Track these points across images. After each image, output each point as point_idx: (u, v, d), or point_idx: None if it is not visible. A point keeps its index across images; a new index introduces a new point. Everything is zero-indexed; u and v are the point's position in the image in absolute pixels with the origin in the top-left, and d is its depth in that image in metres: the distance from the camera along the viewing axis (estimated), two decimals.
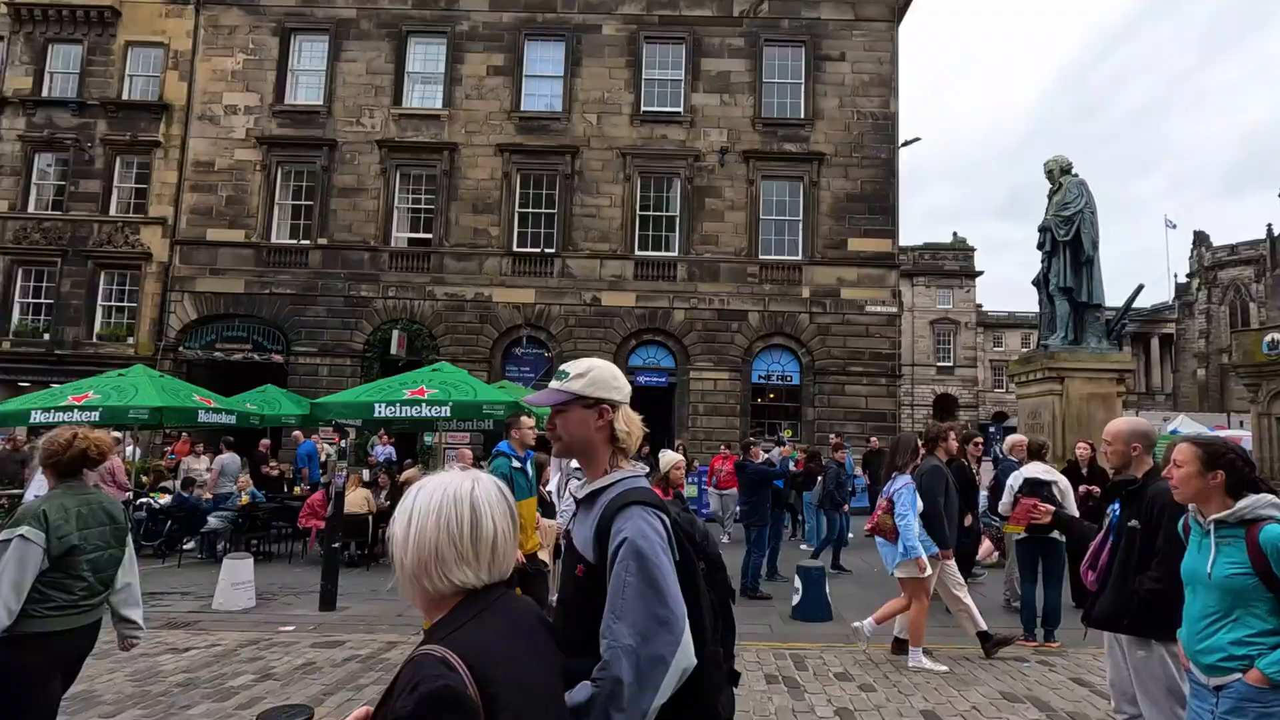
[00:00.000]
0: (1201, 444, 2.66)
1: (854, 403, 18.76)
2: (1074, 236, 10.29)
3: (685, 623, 1.50)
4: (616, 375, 1.81)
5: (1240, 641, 2.43)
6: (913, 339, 46.21)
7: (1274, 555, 2.38)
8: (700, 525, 1.77)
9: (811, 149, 19.24)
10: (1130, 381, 53.10)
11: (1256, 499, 2.49)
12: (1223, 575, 2.48)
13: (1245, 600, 2.45)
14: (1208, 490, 2.57)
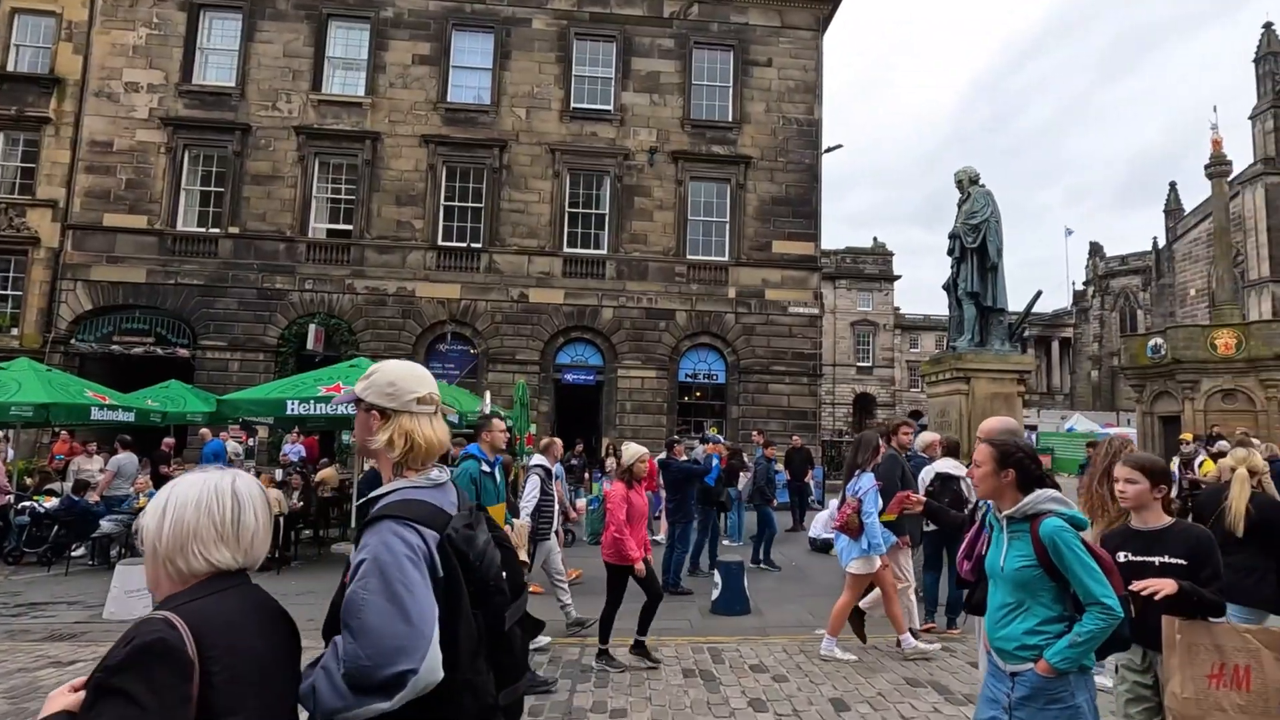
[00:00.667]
0: (996, 444, 2.76)
1: (777, 401, 19.23)
2: (981, 244, 10.82)
3: (426, 640, 1.43)
4: (398, 381, 1.70)
5: (1031, 631, 2.55)
6: (834, 340, 47.69)
7: (1051, 547, 2.50)
8: (482, 547, 1.62)
9: (739, 152, 19.60)
10: (1032, 382, 56.16)
11: (1038, 494, 2.63)
12: (1013, 568, 2.60)
13: (1033, 591, 2.57)
14: (1001, 487, 2.69)
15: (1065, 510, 2.61)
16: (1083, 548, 2.52)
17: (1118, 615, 2.46)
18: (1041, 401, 53.57)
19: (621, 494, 5.65)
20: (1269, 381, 19.95)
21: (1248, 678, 2.76)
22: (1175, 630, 2.90)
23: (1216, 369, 20.70)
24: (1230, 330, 20.90)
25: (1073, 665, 2.48)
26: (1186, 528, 3.10)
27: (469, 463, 5.27)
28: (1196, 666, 2.83)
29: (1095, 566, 2.50)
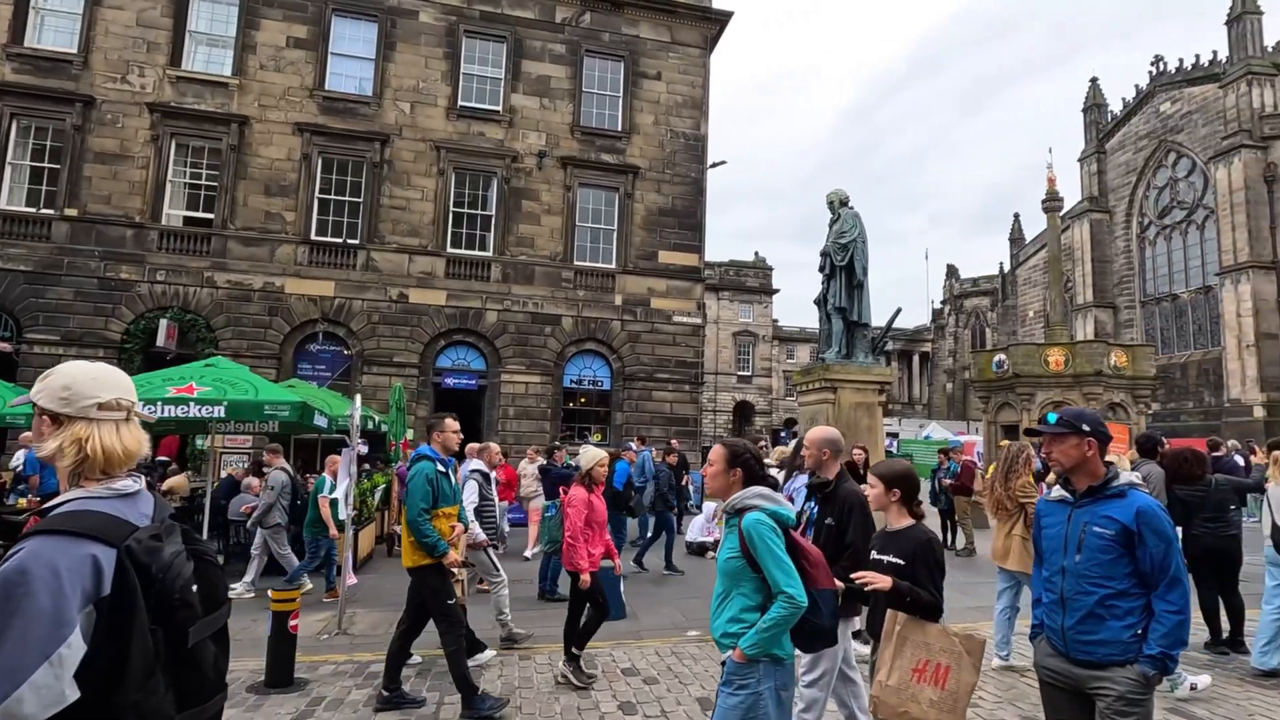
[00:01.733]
0: (727, 445, 2.96)
1: (660, 408, 19.57)
2: (849, 263, 11.52)
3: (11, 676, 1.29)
4: (75, 385, 1.59)
5: (733, 619, 2.69)
6: (716, 349, 49.19)
7: (748, 538, 2.65)
8: (168, 559, 1.50)
9: (627, 161, 19.85)
10: (894, 392, 60.03)
11: (747, 490, 2.81)
12: (723, 559, 2.77)
13: (738, 581, 2.71)
14: (729, 486, 2.87)
15: (769, 506, 2.75)
16: (777, 541, 2.65)
17: (800, 605, 2.58)
18: (903, 411, 57.60)
19: (583, 499, 5.55)
20: (1090, 394, 22.42)
21: (945, 677, 2.95)
22: (894, 624, 3.13)
23: (1049, 383, 23.04)
24: (1060, 349, 23.34)
25: (761, 652, 2.59)
26: (913, 530, 3.30)
27: (424, 464, 5.09)
28: (904, 659, 3.03)
29: (785, 558, 2.63)
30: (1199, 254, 36.93)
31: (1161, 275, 39.29)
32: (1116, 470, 2.77)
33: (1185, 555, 5.46)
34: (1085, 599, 2.68)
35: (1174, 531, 2.64)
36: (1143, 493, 2.72)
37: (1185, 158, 37.58)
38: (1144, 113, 40.10)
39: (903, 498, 3.36)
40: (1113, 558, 2.64)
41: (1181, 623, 2.57)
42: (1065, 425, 2.77)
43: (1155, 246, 39.75)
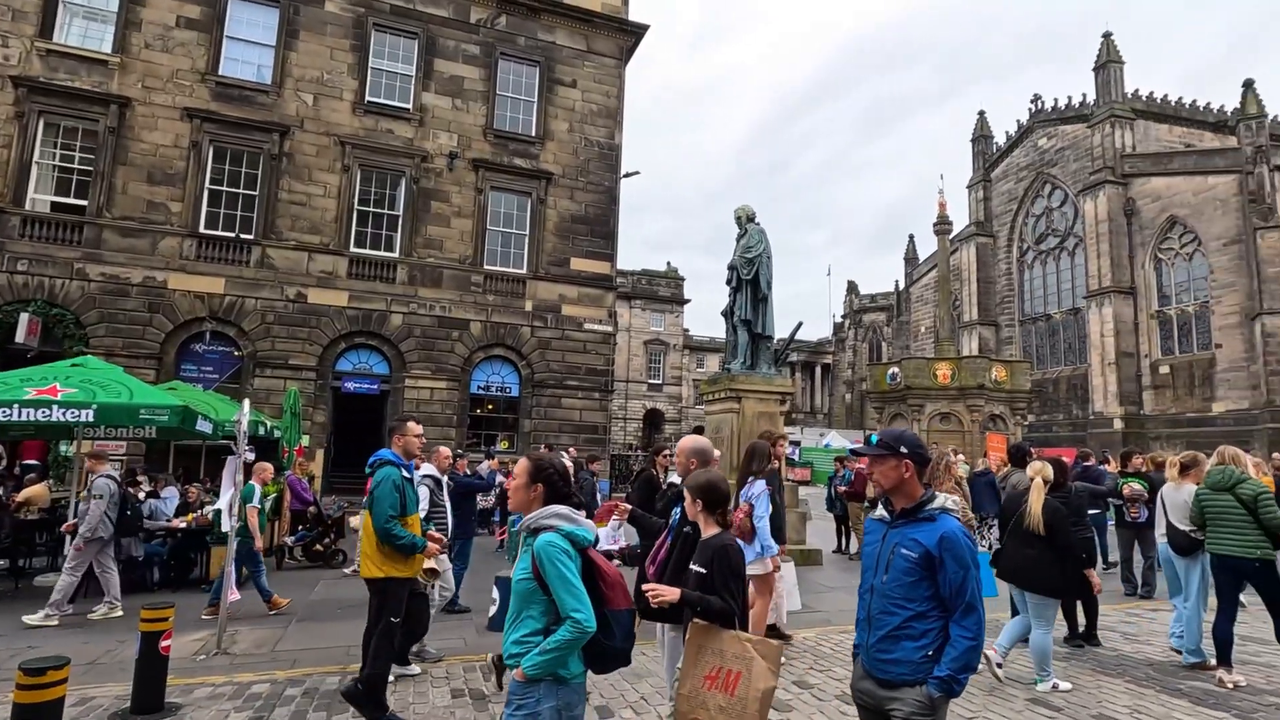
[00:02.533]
0: (532, 459, 2.91)
1: (569, 415, 19.50)
2: (754, 277, 11.88)
3: None
4: None
5: (519, 640, 2.64)
6: (628, 357, 49.49)
7: (539, 559, 2.60)
8: None
9: (541, 167, 19.75)
10: (798, 402, 62.19)
11: (545, 509, 2.75)
12: (515, 580, 2.71)
13: (528, 603, 2.66)
14: (529, 501, 2.82)
15: (566, 526, 2.70)
16: (568, 564, 2.60)
17: (586, 629, 2.54)
18: (805, 420, 59.71)
19: None
20: (973, 406, 23.97)
21: (735, 683, 2.97)
22: (693, 633, 3.14)
23: (937, 395, 24.47)
24: (947, 363, 24.84)
25: (543, 673, 2.55)
26: (715, 538, 3.33)
27: (389, 469, 4.84)
28: (699, 667, 3.06)
29: (574, 581, 2.58)
30: (1070, 278, 40.25)
31: (1038, 296, 42.57)
32: (933, 494, 2.79)
33: None
34: (888, 619, 2.70)
35: (975, 559, 2.65)
36: (953, 518, 2.73)
37: (1059, 189, 40.93)
38: (1024, 146, 43.43)
39: (705, 506, 3.39)
40: (914, 580, 2.66)
41: (973, 648, 2.57)
42: (884, 447, 2.80)
43: (1033, 270, 43.04)
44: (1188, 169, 34.65)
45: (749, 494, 6.03)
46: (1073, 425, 37.45)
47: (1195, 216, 33.71)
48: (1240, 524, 5.70)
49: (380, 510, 4.69)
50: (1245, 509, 5.69)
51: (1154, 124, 38.44)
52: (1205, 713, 5.08)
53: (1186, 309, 34.05)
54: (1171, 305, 34.72)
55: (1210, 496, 5.93)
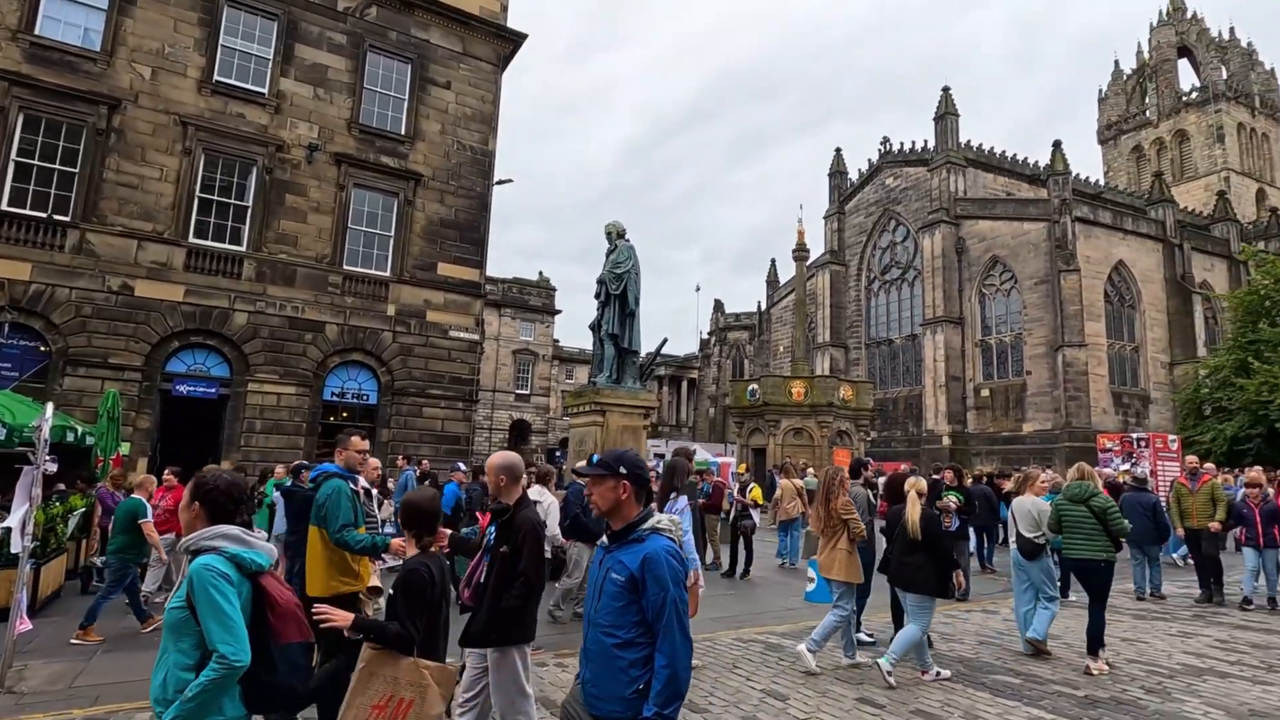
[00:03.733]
0: (195, 479, 2.65)
1: (431, 425, 18.84)
2: (622, 292, 12.12)
3: None
4: None
5: (165, 683, 2.34)
6: (496, 366, 48.60)
7: (192, 585, 2.33)
8: None
9: (409, 167, 19.06)
10: (665, 415, 63.42)
11: (206, 530, 2.50)
12: (168, 609, 2.40)
13: (179, 635, 2.36)
14: (193, 519, 2.57)
15: (232, 548, 2.44)
16: (227, 590, 2.33)
17: (235, 665, 2.26)
18: (670, 433, 61.13)
19: None
20: (823, 423, 25.58)
21: (407, 711, 2.88)
22: (367, 659, 3.01)
23: (792, 411, 25.90)
24: (801, 382, 26.39)
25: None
26: (406, 561, 3.26)
27: (338, 482, 4.66)
28: (367, 695, 2.92)
29: (229, 610, 2.30)
30: (910, 307, 44.04)
31: (882, 322, 46.22)
32: (649, 513, 2.71)
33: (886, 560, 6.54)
34: (599, 649, 2.56)
35: (677, 579, 2.55)
36: (664, 538, 2.63)
37: (902, 225, 44.77)
38: (874, 183, 47.18)
39: (404, 525, 3.32)
40: (622, 605, 2.53)
41: (673, 675, 2.44)
42: (603, 467, 2.72)
43: (878, 297, 46.71)
44: (1008, 215, 39.06)
45: (673, 509, 6.31)
46: (909, 441, 40.87)
47: (1013, 257, 38.01)
48: (1091, 531, 6.74)
49: (334, 521, 4.55)
50: (1096, 518, 6.73)
51: (982, 172, 43.04)
52: (1001, 702, 5.70)
53: (1004, 339, 38.24)
54: (992, 335, 38.86)
55: (1068, 507, 6.91)
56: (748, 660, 6.78)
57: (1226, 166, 58.29)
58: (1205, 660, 7.09)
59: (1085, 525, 6.78)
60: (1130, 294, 37.75)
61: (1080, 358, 34.42)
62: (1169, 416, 34.88)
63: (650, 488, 2.83)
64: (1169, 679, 6.43)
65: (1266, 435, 23.81)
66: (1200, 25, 65.07)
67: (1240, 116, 60.45)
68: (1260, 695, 5.99)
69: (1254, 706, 5.71)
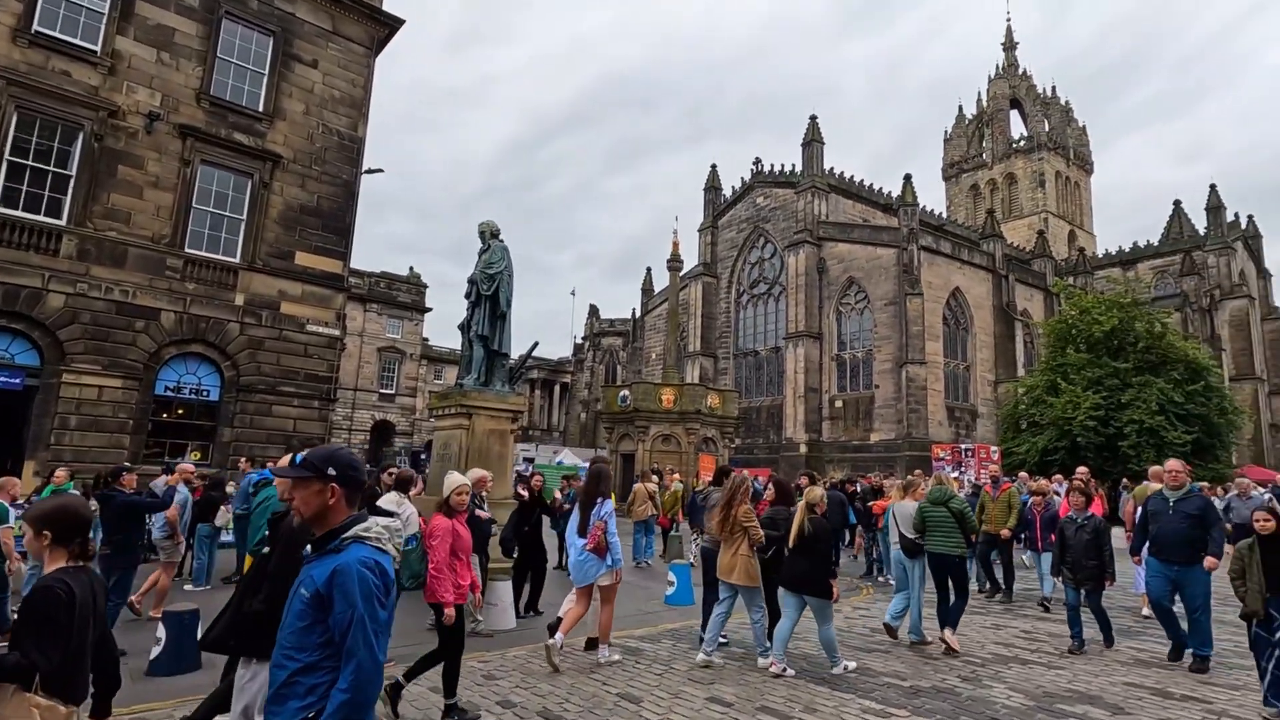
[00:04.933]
0: None
1: (282, 424, 17.58)
2: (494, 293, 11.88)
3: None
4: None
5: None
6: (359, 363, 46.17)
7: None
8: None
9: (267, 147, 17.75)
10: (536, 419, 62.79)
11: None
12: None
13: None
14: None
15: None
16: None
17: None
18: (542, 437, 60.67)
19: (446, 528, 5.29)
20: (690, 429, 26.30)
21: None
22: None
23: (661, 418, 26.43)
24: (671, 389, 27.00)
25: None
26: (46, 576, 2.85)
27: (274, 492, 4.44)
28: None
29: None
30: (775, 321, 46.27)
31: (749, 334, 48.26)
32: (356, 519, 2.39)
33: (764, 560, 6.97)
34: (279, 673, 2.27)
35: (371, 596, 2.23)
36: (366, 548, 2.31)
37: (770, 243, 47.01)
38: (746, 201, 49.25)
39: (55, 540, 2.78)
40: (307, 624, 2.25)
41: (348, 703, 2.15)
42: (308, 468, 2.40)
43: (747, 310, 48.74)
44: (864, 240, 42.02)
45: (600, 513, 6.75)
46: (769, 449, 42.88)
47: (867, 279, 40.94)
48: (949, 529, 7.76)
49: (252, 535, 4.11)
50: (954, 518, 7.76)
51: (843, 198, 46.07)
52: (838, 696, 6.10)
53: (857, 354, 41.05)
54: (847, 350, 41.60)
55: (930, 509, 7.90)
56: (605, 665, 6.83)
57: (1046, 209, 65.91)
58: (1011, 649, 7.93)
59: (945, 524, 7.78)
60: (965, 318, 41.69)
61: (921, 374, 37.59)
62: (993, 429, 38.77)
63: (361, 491, 2.51)
64: (981, 667, 7.14)
65: (1070, 448, 27.04)
66: (1029, 82, 73.29)
67: (1058, 165, 68.59)
68: (1053, 679, 6.78)
69: (1047, 689, 6.45)
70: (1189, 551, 7.04)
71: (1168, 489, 7.47)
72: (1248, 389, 43.87)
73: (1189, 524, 7.08)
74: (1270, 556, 5.89)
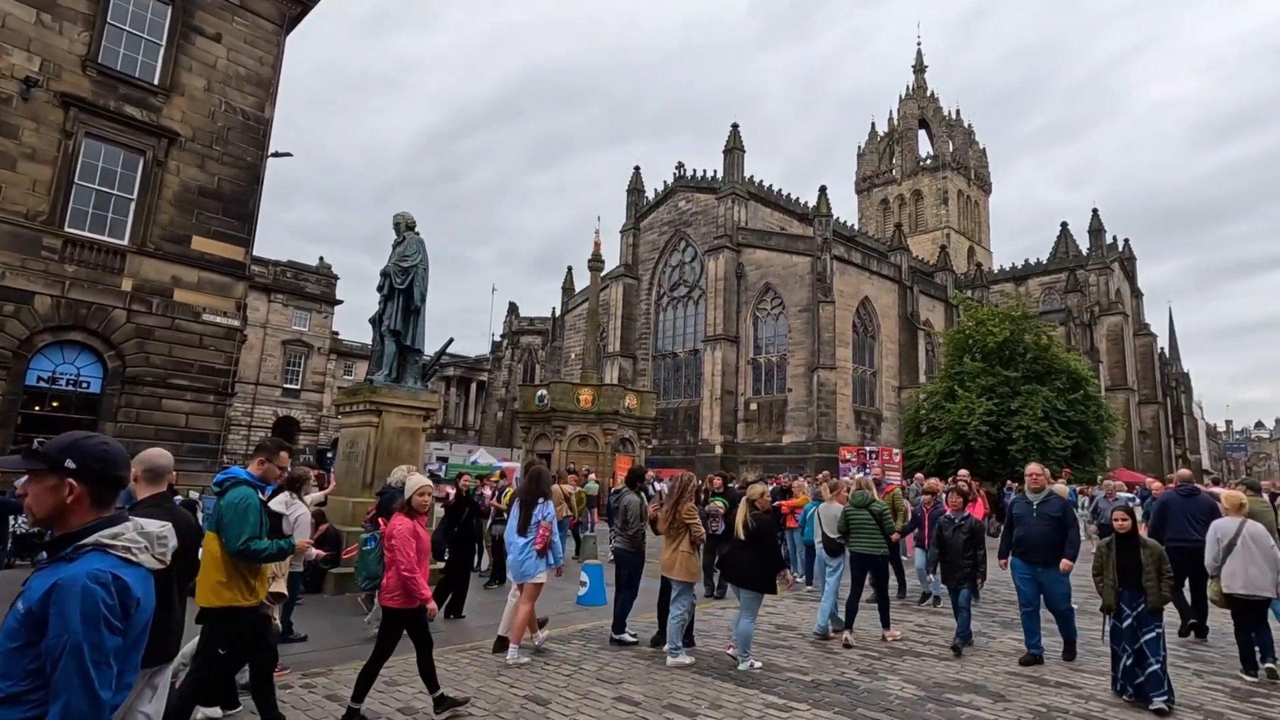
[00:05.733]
0: None
1: (172, 419, 16.50)
2: (408, 287, 11.53)
3: None
4: None
5: None
6: (261, 356, 43.88)
7: None
8: None
9: (162, 123, 16.62)
10: (451, 417, 61.33)
11: None
12: None
13: None
14: None
15: None
16: None
17: None
18: (457, 436, 59.34)
19: (408, 529, 5.34)
20: (608, 430, 26.34)
21: None
22: None
23: (578, 418, 26.35)
24: (589, 389, 26.96)
25: None
26: None
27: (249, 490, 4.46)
28: None
29: None
30: (694, 324, 46.97)
31: (669, 336, 48.78)
32: (105, 521, 2.05)
33: None
34: None
35: (91, 621, 1.84)
36: (109, 557, 1.97)
37: (691, 246, 47.69)
38: (668, 204, 49.78)
39: None
40: (18, 645, 1.87)
41: None
42: (41, 459, 2.03)
43: (667, 313, 49.25)
44: (780, 247, 43.24)
45: (544, 514, 7.13)
46: (685, 450, 43.46)
47: (783, 285, 42.13)
48: (870, 530, 8.28)
49: (234, 534, 4.31)
50: (874, 520, 8.29)
51: (762, 206, 47.27)
52: (743, 692, 6.24)
53: (772, 358, 42.18)
54: (762, 354, 42.68)
55: (853, 512, 8.44)
56: (513, 667, 6.74)
57: (948, 225, 69.68)
58: (907, 643, 8.33)
59: (866, 526, 8.31)
60: (873, 326, 43.54)
61: (832, 379, 38.99)
62: (896, 433, 40.65)
63: (115, 488, 2.13)
64: (878, 660, 7.47)
65: (964, 451, 28.66)
66: (936, 104, 77.33)
67: (960, 185, 72.66)
68: (944, 670, 7.16)
69: (938, 679, 6.81)
70: (1049, 553, 7.43)
71: (1030, 492, 7.78)
72: (1121, 398, 47.73)
73: (1050, 526, 7.45)
74: (1124, 554, 6.37)
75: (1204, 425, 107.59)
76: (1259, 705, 6.32)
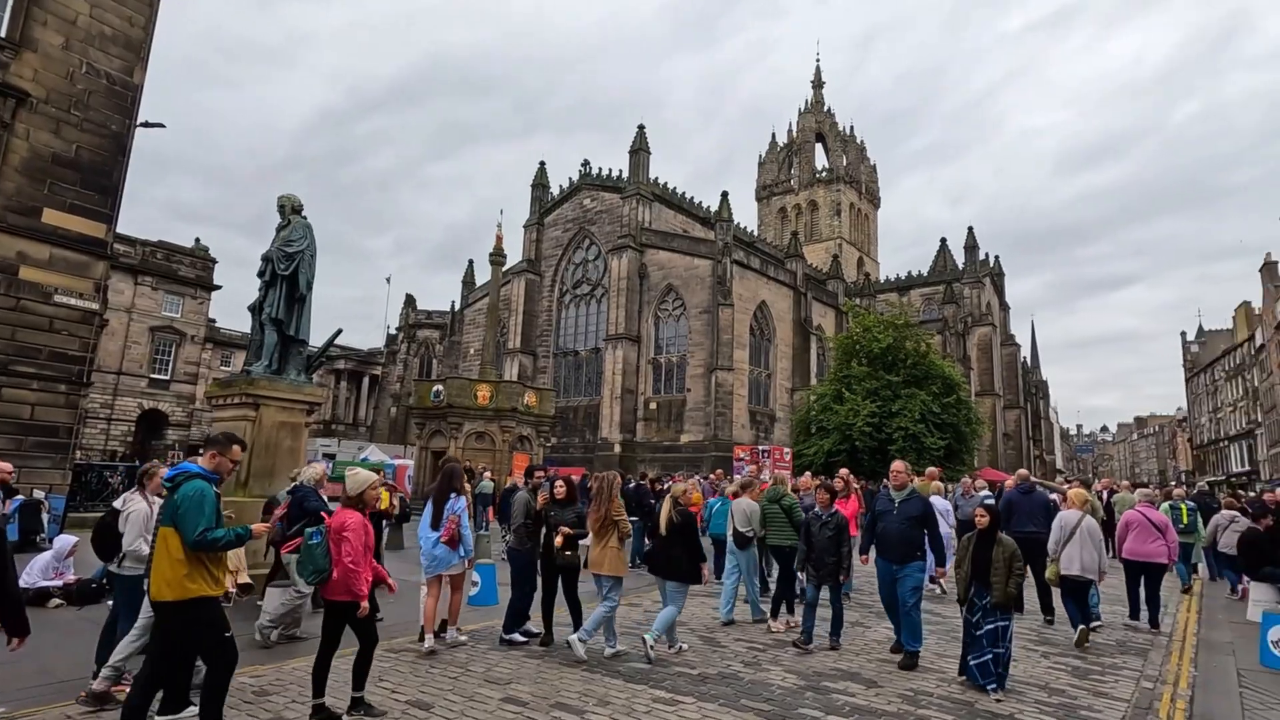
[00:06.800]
0: None
1: (14, 411, 14.88)
2: (293, 274, 10.89)
3: None
4: None
5: None
6: (125, 343, 40.35)
7: None
8: None
9: (10, 81, 14.94)
10: (341, 413, 58.47)
11: None
12: None
13: None
14: None
15: None
16: None
17: None
18: (347, 432, 56.72)
19: (360, 521, 5.31)
20: (506, 427, 25.92)
21: None
22: None
23: (475, 415, 25.79)
24: (487, 386, 26.44)
25: None
26: None
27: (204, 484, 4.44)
28: None
29: None
30: (596, 322, 46.98)
31: (570, 334, 48.56)
32: None
33: None
34: None
35: None
36: None
37: (595, 245, 47.68)
38: (573, 201, 49.55)
39: None
40: None
41: None
42: None
43: (569, 310, 49.01)
44: (683, 249, 43.96)
45: (454, 508, 7.36)
46: (585, 448, 43.41)
47: (684, 287, 42.85)
48: (782, 524, 9.11)
49: (191, 525, 4.28)
50: (785, 514, 9.11)
51: (666, 208, 47.87)
52: (631, 687, 6.29)
53: (672, 359, 42.81)
54: (663, 354, 43.24)
55: (768, 506, 9.26)
56: (395, 672, 6.51)
57: (841, 236, 73.09)
58: (791, 634, 8.65)
59: (779, 519, 9.15)
60: (769, 329, 45.02)
61: (729, 380, 40.02)
62: (788, 433, 42.23)
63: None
64: (762, 653, 7.72)
65: (850, 451, 30.16)
66: (832, 119, 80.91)
67: (852, 198, 76.35)
68: (822, 660, 7.49)
69: (817, 669, 7.12)
70: (906, 550, 7.38)
71: (893, 489, 7.72)
72: (988, 403, 51.61)
73: (909, 524, 7.45)
74: (980, 549, 6.79)
75: (1059, 429, 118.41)
76: (1094, 682, 7.00)
